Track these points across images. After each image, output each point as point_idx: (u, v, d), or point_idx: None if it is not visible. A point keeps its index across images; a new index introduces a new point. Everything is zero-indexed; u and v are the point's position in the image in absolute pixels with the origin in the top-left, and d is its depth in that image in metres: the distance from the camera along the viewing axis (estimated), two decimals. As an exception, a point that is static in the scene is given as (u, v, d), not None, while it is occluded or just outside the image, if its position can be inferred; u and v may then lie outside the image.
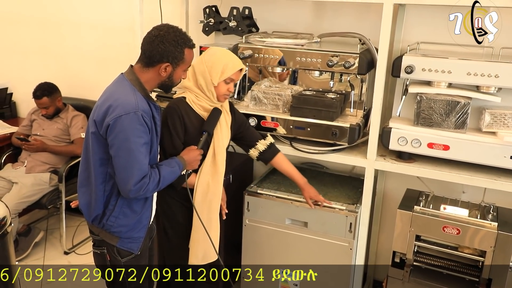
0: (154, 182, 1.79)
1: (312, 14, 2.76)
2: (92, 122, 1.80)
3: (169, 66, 1.80)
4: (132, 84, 1.80)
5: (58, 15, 3.60)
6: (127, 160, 1.73)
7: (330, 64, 2.24)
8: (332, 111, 2.29)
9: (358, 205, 2.36)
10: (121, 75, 1.86)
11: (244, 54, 2.40)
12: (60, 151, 3.25)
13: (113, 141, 1.73)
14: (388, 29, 2.11)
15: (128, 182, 1.73)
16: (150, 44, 1.78)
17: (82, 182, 1.91)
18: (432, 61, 2.10)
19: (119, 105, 1.72)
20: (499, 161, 2.08)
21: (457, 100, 2.10)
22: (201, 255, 2.11)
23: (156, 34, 1.77)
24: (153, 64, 1.79)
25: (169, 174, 1.86)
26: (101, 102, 1.79)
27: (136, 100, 1.75)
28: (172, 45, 1.77)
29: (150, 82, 1.83)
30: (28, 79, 3.49)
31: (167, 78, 1.83)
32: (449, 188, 2.54)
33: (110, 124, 1.72)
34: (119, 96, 1.76)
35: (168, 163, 1.88)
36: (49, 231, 3.57)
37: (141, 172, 1.74)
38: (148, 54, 1.79)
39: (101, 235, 1.90)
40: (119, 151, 1.73)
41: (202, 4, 2.77)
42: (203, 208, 2.07)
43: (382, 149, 2.33)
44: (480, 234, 2.10)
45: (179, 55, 1.80)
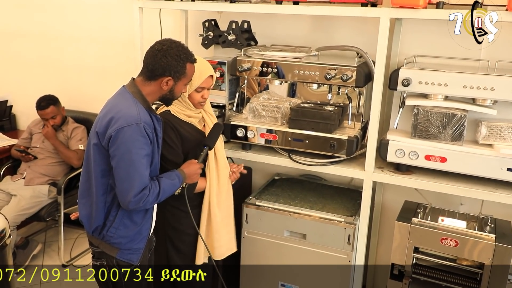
0: (154, 194, 1.79)
1: (310, 28, 2.80)
2: (94, 133, 1.81)
3: (171, 80, 1.82)
4: (134, 96, 1.82)
5: (58, 28, 3.64)
6: (128, 172, 1.74)
7: (328, 77, 2.27)
8: (330, 123, 2.31)
9: (357, 217, 2.37)
10: (122, 87, 1.88)
11: (243, 67, 2.43)
12: (62, 151, 3.23)
13: (114, 152, 1.75)
14: (385, 42, 2.14)
15: (128, 194, 1.74)
16: (153, 58, 1.80)
17: (83, 193, 1.92)
18: (429, 74, 2.13)
19: (122, 116, 1.75)
20: (496, 173, 2.09)
21: (453, 112, 2.12)
22: (225, 248, 2.22)
23: (159, 49, 1.80)
24: (155, 78, 1.82)
25: (169, 187, 1.87)
26: (103, 114, 1.81)
27: (138, 112, 1.77)
28: (174, 59, 1.79)
29: (152, 95, 1.85)
30: (28, 92, 3.51)
31: (168, 92, 1.86)
32: (447, 200, 2.55)
33: (112, 136, 1.73)
34: (122, 108, 1.78)
35: (168, 176, 1.90)
36: (47, 243, 3.56)
37: (141, 184, 1.75)
38: (150, 68, 1.81)
39: (100, 246, 1.90)
40: (120, 162, 1.75)
41: (201, 18, 2.80)
42: (218, 209, 2.15)
43: (380, 161, 2.34)
44: (478, 246, 2.11)
45: (181, 70, 1.82)
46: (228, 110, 2.60)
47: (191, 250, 2.18)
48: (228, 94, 2.57)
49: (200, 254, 2.17)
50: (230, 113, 2.60)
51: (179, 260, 2.20)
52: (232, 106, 2.62)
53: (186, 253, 2.19)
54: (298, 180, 2.85)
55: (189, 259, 2.19)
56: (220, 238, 2.19)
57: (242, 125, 2.45)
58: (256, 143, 2.46)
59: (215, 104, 2.56)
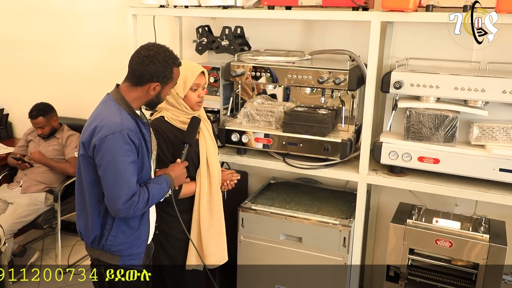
0: (144, 201, 1.78)
1: (303, 32, 2.82)
2: (81, 144, 1.81)
3: (158, 85, 1.81)
4: (118, 103, 1.81)
5: (53, 36, 3.65)
6: (114, 180, 1.74)
7: (321, 80, 2.28)
8: (324, 126, 2.33)
9: (352, 219, 2.38)
10: (107, 95, 1.87)
11: (236, 72, 2.44)
12: (54, 166, 3.26)
13: (100, 161, 1.74)
14: (377, 45, 2.16)
15: (117, 202, 1.73)
16: (140, 64, 1.78)
17: (79, 204, 1.91)
18: (421, 77, 2.14)
19: (105, 125, 1.74)
20: (489, 173, 2.11)
21: (445, 114, 2.14)
22: (218, 257, 2.20)
23: (146, 55, 1.78)
24: (142, 84, 1.80)
25: (158, 191, 1.86)
26: (88, 123, 1.80)
27: (121, 119, 1.76)
28: (162, 65, 1.78)
29: (138, 100, 1.84)
30: (24, 100, 3.52)
31: (155, 96, 1.85)
32: (442, 201, 2.56)
33: (96, 145, 1.73)
34: (105, 116, 1.77)
35: (155, 181, 1.89)
36: (44, 251, 3.55)
37: (129, 191, 1.74)
38: (138, 74, 1.79)
39: (101, 257, 1.89)
40: (106, 171, 1.74)
41: (195, 24, 2.82)
42: (208, 215, 2.13)
43: (374, 164, 2.36)
44: (472, 246, 2.12)
45: (168, 75, 1.82)
46: (223, 115, 2.61)
47: (180, 254, 2.17)
48: (222, 99, 2.58)
49: (191, 258, 2.16)
50: (224, 118, 2.61)
51: (169, 264, 2.20)
52: (226, 111, 2.63)
53: (176, 257, 2.18)
54: (293, 184, 2.87)
55: (179, 263, 2.18)
56: (212, 245, 2.16)
57: (237, 129, 2.46)
58: (251, 147, 2.48)
59: (210, 109, 2.58)
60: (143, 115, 1.94)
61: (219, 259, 2.21)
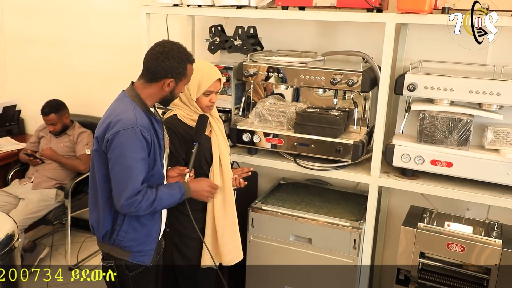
0: (148, 201, 1.78)
1: (316, 33, 2.81)
2: (95, 139, 1.84)
3: (173, 82, 1.83)
4: (133, 100, 1.83)
5: (66, 34, 3.68)
6: (121, 175, 1.75)
7: (333, 82, 2.28)
8: (336, 128, 2.32)
9: (362, 221, 2.37)
10: (122, 92, 1.90)
11: (248, 72, 2.44)
12: (65, 163, 3.28)
13: (110, 155, 1.76)
14: (391, 47, 2.14)
15: (121, 197, 1.74)
16: (155, 61, 1.81)
17: (91, 199, 1.93)
18: (434, 79, 2.13)
19: (119, 121, 1.76)
20: (503, 178, 2.09)
21: (459, 117, 2.12)
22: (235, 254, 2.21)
23: (161, 51, 1.80)
24: (156, 80, 1.82)
25: (167, 196, 1.84)
26: (103, 119, 1.83)
27: (135, 115, 1.78)
28: (176, 61, 1.80)
29: (152, 97, 1.86)
30: (37, 97, 3.54)
31: (169, 93, 1.87)
32: (453, 205, 2.54)
33: (109, 139, 1.75)
34: (119, 112, 1.79)
35: (169, 186, 1.90)
36: (54, 247, 3.58)
37: (134, 189, 1.74)
38: (152, 70, 1.82)
39: (111, 252, 1.90)
40: (115, 165, 1.76)
41: (207, 23, 2.82)
42: (223, 213, 2.14)
43: (386, 166, 2.35)
44: (484, 251, 2.10)
45: (182, 71, 1.83)
46: (234, 115, 2.61)
47: (195, 254, 2.18)
48: (234, 99, 2.58)
49: (206, 257, 2.17)
50: (236, 118, 2.61)
51: (183, 263, 2.20)
52: (238, 110, 2.63)
53: (191, 257, 2.19)
54: (303, 185, 2.86)
55: (193, 262, 2.19)
56: (228, 243, 2.18)
57: (248, 129, 2.46)
58: (262, 147, 2.47)
59: (221, 109, 2.57)
60: (157, 113, 1.95)
61: (235, 256, 2.23)
